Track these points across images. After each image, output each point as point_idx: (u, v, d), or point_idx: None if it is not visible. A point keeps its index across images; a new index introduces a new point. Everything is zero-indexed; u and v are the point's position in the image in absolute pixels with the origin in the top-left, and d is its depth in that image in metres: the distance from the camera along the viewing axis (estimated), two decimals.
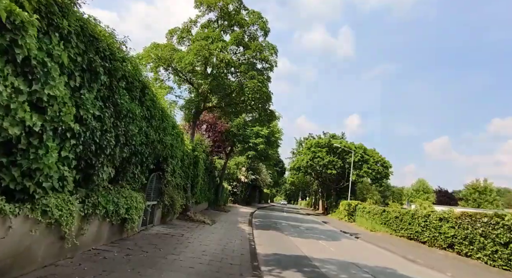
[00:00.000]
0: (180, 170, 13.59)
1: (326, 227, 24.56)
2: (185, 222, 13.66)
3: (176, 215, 13.94)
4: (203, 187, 19.98)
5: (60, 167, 4.59)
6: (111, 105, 5.43)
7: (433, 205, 44.63)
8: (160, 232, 9.88)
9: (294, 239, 14.48)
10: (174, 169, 12.09)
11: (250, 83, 13.39)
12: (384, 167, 41.64)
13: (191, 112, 15.02)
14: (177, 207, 12.78)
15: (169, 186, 12.08)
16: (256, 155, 23.91)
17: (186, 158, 14.02)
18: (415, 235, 19.69)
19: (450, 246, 16.28)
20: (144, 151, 8.01)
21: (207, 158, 20.46)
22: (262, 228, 17.49)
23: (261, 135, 22.96)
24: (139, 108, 6.81)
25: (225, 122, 21.59)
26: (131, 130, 6.38)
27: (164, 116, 8.94)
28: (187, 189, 15.23)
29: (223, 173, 26.84)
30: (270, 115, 16.19)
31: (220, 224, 15.23)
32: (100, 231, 6.40)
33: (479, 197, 38.24)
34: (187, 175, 14.98)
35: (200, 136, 19.87)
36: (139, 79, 6.60)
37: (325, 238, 16.75)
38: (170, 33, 14.67)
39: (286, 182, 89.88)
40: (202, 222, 14.25)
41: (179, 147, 11.60)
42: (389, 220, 24.17)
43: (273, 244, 11.79)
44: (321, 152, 42.13)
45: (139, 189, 9.11)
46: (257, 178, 42.27)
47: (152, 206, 10.27)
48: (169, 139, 9.63)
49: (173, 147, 10.67)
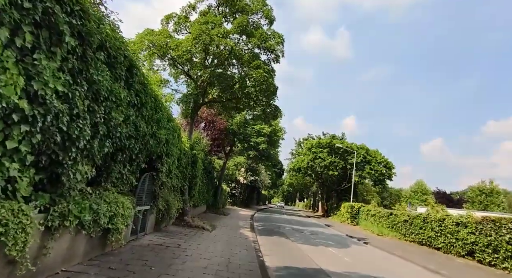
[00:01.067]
0: (177, 170, 12.21)
1: (330, 231, 23.27)
2: (182, 228, 12.27)
3: (172, 220, 12.54)
4: (201, 189, 18.59)
5: (5, 164, 3.21)
6: (85, 82, 4.06)
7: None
8: (153, 242, 8.48)
9: (302, 246, 13.15)
10: (170, 169, 10.71)
11: (256, 73, 12.03)
12: (387, 167, 40.49)
13: (189, 107, 13.67)
14: (173, 211, 11.40)
15: (164, 188, 10.69)
16: (257, 155, 22.55)
17: (183, 156, 12.65)
18: (427, 241, 18.44)
19: (469, 254, 15.04)
20: (133, 146, 6.63)
21: (205, 158, 19.08)
22: (266, 233, 16.13)
23: (263, 134, 21.63)
24: (125, 92, 5.44)
25: (225, 119, 20.22)
26: (114, 118, 5.01)
27: (158, 106, 7.58)
28: (185, 191, 13.85)
29: (222, 174, 25.46)
30: (274, 111, 14.88)
31: (220, 229, 13.85)
32: (73, 247, 5.01)
33: (485, 199, 37.20)
34: (185, 176, 13.60)
35: (199, 135, 18.49)
36: (124, 55, 5.24)
37: (333, 245, 15.45)
38: (166, 19, 13.24)
39: (284, 183, 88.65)
40: (201, 227, 12.86)
41: (175, 143, 10.22)
42: (397, 224, 22.93)
43: (282, 254, 10.44)
44: (322, 152, 40.86)
45: (128, 192, 7.73)
46: (256, 179, 40.94)
47: (144, 211, 8.88)
48: (163, 133, 8.26)
49: (169, 143, 9.29)
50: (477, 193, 39.26)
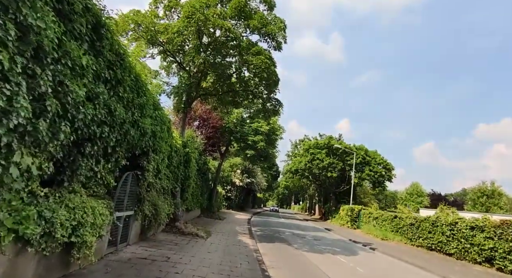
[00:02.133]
0: (167, 170, 10.77)
1: (332, 236, 21.96)
2: (173, 235, 10.79)
3: (161, 227, 11.07)
4: (195, 192, 17.12)
5: None
6: (12, 25, 2.66)
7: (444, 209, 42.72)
8: (136, 255, 7.02)
9: (307, 254, 11.80)
10: (158, 168, 9.27)
11: (256, 60, 10.68)
12: (387, 169, 39.43)
13: (182, 100, 12.26)
14: (163, 217, 9.94)
15: (151, 190, 9.24)
16: (255, 154, 21.17)
17: (174, 155, 11.21)
18: (437, 246, 17.23)
19: (488, 261, 13.84)
20: (108, 136, 5.21)
21: (200, 157, 17.63)
22: (266, 239, 14.73)
23: (261, 133, 20.29)
24: (90, 59, 4.04)
25: (221, 116, 18.77)
26: (71, 92, 3.60)
27: (140, 88, 6.16)
28: (176, 193, 12.39)
29: (218, 176, 23.99)
30: (275, 105, 13.57)
31: (216, 236, 12.40)
32: (14, 272, 3.57)
33: (487, 201, 36.36)
34: (176, 177, 12.16)
35: (192, 133, 17.06)
36: (86, 5, 3.81)
37: (340, 251, 14.15)
38: (155, 1, 11.80)
39: (280, 186, 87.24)
40: (194, 235, 11.41)
41: (164, 138, 8.80)
42: (402, 228, 21.71)
43: (289, 266, 9.06)
44: (321, 153, 39.66)
45: (104, 194, 6.29)
46: (253, 181, 39.48)
47: (126, 218, 7.43)
48: (148, 123, 6.84)
49: (156, 136, 7.87)
50: (478, 195, 38.40)
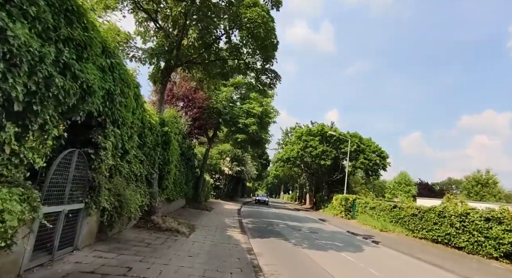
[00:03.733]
0: (139, 151, 8.59)
1: (329, 227, 20.38)
2: (146, 232, 8.71)
3: (132, 222, 8.95)
4: (178, 179, 15.00)
5: None
6: None
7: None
8: (81, 266, 4.91)
9: (310, 252, 10.00)
10: (124, 148, 7.09)
11: (250, 13, 8.48)
12: (381, 157, 38.14)
13: (159, 67, 9.99)
14: (132, 209, 7.82)
15: (116, 176, 7.08)
16: (246, 139, 19.06)
17: (149, 133, 9.02)
18: (444, 238, 15.81)
19: (507, 256, 12.44)
20: (4, 80, 3.02)
21: (183, 140, 15.43)
22: (259, 234, 12.85)
23: (253, 115, 18.15)
24: None
25: (208, 94, 16.42)
26: None
27: (74, 10, 3.92)
28: (153, 181, 10.25)
29: (205, 163, 21.83)
30: (272, 78, 11.45)
31: (201, 232, 10.40)
32: None
33: (481, 189, 35.70)
34: (153, 161, 9.99)
35: (175, 112, 14.78)
36: None
37: (343, 247, 12.47)
38: None
39: (269, 175, 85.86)
40: (174, 230, 9.36)
41: (130, 106, 6.59)
42: (403, 218, 20.32)
43: (292, 271, 7.17)
44: (314, 140, 37.94)
45: (23, 180, 4.12)
46: (242, 170, 37.56)
47: (69, 213, 5.28)
48: (95, 73, 4.62)
49: (115, 100, 5.67)
50: (472, 184, 37.71)
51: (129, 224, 8.67)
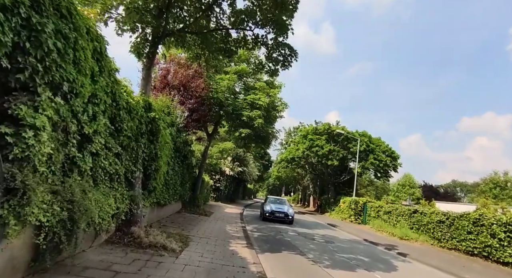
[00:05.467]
0: (111, 140, 6.31)
1: (343, 235, 18.10)
2: (121, 251, 6.41)
3: (102, 237, 6.64)
4: (171, 179, 12.70)
5: None
6: None
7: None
8: None
9: (336, 273, 7.77)
10: (82, 131, 4.84)
11: None
12: (392, 157, 35.81)
13: (144, 36, 7.78)
14: (99, 220, 5.55)
15: (73, 174, 4.81)
16: (251, 134, 16.72)
17: (126, 116, 6.73)
18: (483, 251, 13.48)
19: None
20: None
21: (178, 134, 13.15)
22: (269, 247, 10.52)
23: (258, 107, 15.84)
24: None
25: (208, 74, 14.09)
26: None
27: None
28: (135, 181, 7.97)
29: (204, 162, 19.53)
30: (286, 56, 9.21)
31: (197, 247, 8.09)
32: None
33: (500, 192, 33.34)
34: (134, 155, 7.70)
35: (168, 100, 12.51)
36: None
37: (370, 262, 10.24)
38: None
39: (271, 176, 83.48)
40: (160, 247, 7.06)
41: (86, 65, 4.30)
42: (427, 225, 18.00)
43: None
44: (320, 139, 35.65)
45: None
46: (244, 171, 35.24)
47: None
48: None
49: (45, 41, 3.41)
50: (490, 186, 35.31)
51: (97, 239, 6.37)
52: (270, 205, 19.00)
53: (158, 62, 16.22)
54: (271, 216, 18.17)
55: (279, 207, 18.81)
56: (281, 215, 18.23)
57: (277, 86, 18.50)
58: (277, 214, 18.25)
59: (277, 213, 18.27)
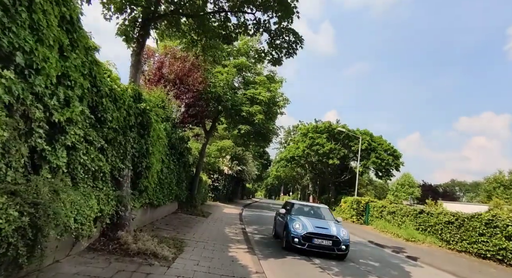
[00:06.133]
0: (93, 132, 5.46)
1: None
2: (103, 260, 5.56)
3: (81, 245, 5.77)
4: (166, 178, 11.84)
5: None
6: None
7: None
8: None
9: None
10: (50, 119, 4.00)
11: None
12: (394, 156, 35.08)
13: (134, 18, 6.96)
14: (75, 225, 4.71)
15: (42, 170, 3.97)
16: (251, 131, 15.87)
17: (110, 106, 5.87)
18: (497, 254, 12.73)
19: None
20: None
21: (174, 130, 12.28)
22: (272, 251, 9.65)
23: (259, 102, 15.01)
24: None
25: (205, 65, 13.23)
26: None
27: None
28: (123, 179, 7.11)
29: (202, 160, 18.67)
30: (290, 42, 8.39)
31: (192, 253, 7.25)
32: None
33: (504, 192, 32.68)
34: (122, 150, 6.85)
35: (163, 93, 11.65)
36: None
37: (381, 268, 9.47)
38: None
39: (270, 176, 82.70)
40: (150, 254, 6.21)
41: (47, 32, 3.46)
42: (434, 226, 17.24)
43: None
44: (321, 138, 34.85)
45: None
46: (243, 170, 34.41)
47: None
48: None
49: None
50: (494, 185, 34.64)
51: (76, 247, 5.51)
52: (302, 221, 9.76)
53: (153, 55, 15.35)
54: (307, 244, 9.17)
55: (320, 225, 9.78)
56: (324, 242, 9.29)
57: (278, 81, 17.67)
58: (318, 239, 9.30)
59: (317, 237, 9.30)
